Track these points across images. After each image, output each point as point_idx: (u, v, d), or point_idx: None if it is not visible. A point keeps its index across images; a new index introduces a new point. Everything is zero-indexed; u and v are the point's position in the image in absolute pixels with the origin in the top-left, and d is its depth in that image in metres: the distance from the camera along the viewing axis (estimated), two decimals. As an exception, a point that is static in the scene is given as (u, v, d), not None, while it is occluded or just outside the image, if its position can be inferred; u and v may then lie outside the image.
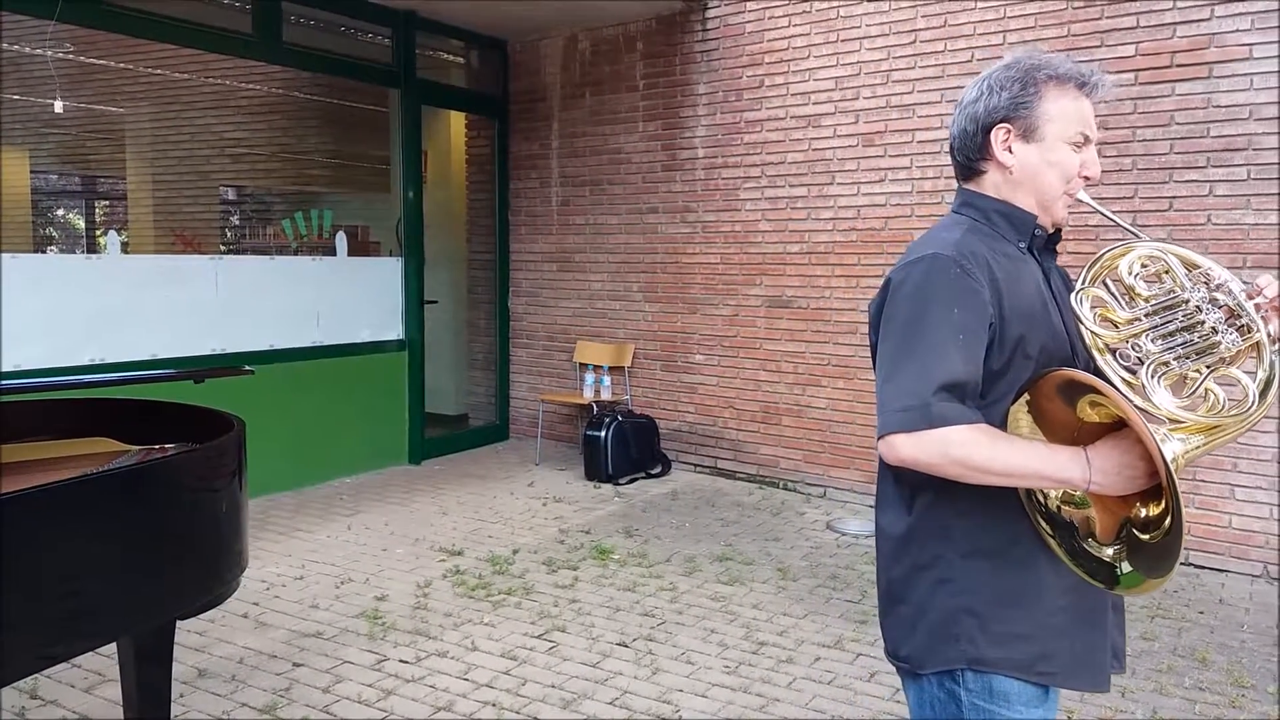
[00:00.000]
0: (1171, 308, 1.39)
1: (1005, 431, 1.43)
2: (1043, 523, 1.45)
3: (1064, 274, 1.63)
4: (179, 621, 2.35)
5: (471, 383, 7.76)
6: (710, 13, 6.15)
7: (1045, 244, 1.59)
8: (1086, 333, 1.41)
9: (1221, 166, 4.54)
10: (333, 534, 4.97)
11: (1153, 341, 1.37)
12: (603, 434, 6.06)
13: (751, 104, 6.01)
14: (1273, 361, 1.34)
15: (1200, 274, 1.40)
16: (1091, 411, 1.39)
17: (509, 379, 7.41)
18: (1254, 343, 1.35)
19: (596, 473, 6.10)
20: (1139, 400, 1.32)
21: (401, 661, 3.47)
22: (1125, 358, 1.38)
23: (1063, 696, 1.59)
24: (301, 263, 6.12)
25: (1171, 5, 4.63)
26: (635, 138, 6.56)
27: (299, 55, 5.91)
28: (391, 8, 6.17)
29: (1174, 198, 4.67)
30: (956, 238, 1.50)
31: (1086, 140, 1.52)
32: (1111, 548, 1.40)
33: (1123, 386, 1.34)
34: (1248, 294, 1.36)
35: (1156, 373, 1.35)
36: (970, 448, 1.35)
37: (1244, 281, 1.39)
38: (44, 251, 7.64)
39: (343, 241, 6.23)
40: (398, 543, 4.84)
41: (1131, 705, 3.20)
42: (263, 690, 3.24)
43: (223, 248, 7.46)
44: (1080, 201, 1.56)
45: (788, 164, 5.89)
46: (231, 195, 8.06)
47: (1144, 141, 4.72)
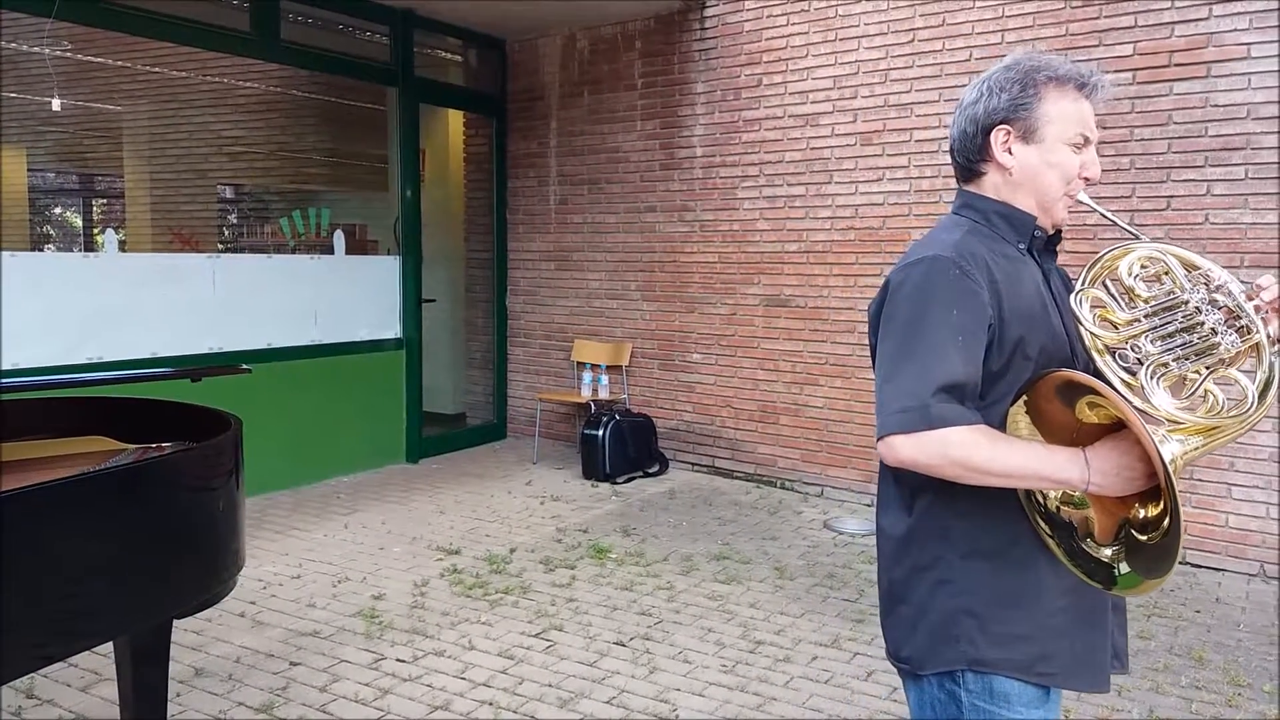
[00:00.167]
0: (1171, 309, 1.39)
1: (1004, 432, 1.43)
2: (1042, 523, 1.45)
3: (1064, 275, 1.63)
4: (176, 620, 2.35)
5: (469, 381, 7.76)
6: (708, 12, 6.15)
7: (1045, 245, 1.59)
8: (1086, 334, 1.41)
9: (1219, 166, 4.54)
10: (330, 533, 4.97)
11: (1152, 343, 1.37)
12: (600, 433, 6.06)
13: (749, 103, 6.01)
14: (1272, 363, 1.34)
15: (1200, 275, 1.40)
16: (1090, 413, 1.39)
17: (507, 378, 7.41)
18: (1253, 344, 1.35)
19: (594, 472, 6.10)
20: (1138, 401, 1.32)
21: (398, 660, 3.47)
22: (1124, 359, 1.38)
23: (1060, 696, 1.59)
24: (299, 261, 6.11)
25: (1169, 5, 4.63)
26: (633, 137, 6.56)
27: (297, 53, 5.90)
28: (390, 6, 6.16)
29: (1172, 197, 4.67)
30: (956, 239, 1.50)
31: (1086, 141, 1.52)
32: (1110, 548, 1.40)
33: (1121, 388, 1.34)
34: (1247, 295, 1.36)
35: (1156, 374, 1.35)
36: (969, 449, 1.35)
37: (1243, 282, 1.39)
38: (41, 250, 7.63)
39: (340, 240, 6.23)
40: (395, 542, 4.84)
41: (1128, 704, 3.20)
42: (259, 689, 3.24)
43: (220, 246, 7.44)
44: (1080, 202, 1.56)
45: (786, 163, 5.89)
46: (229, 194, 8.04)
47: (1142, 141, 4.73)
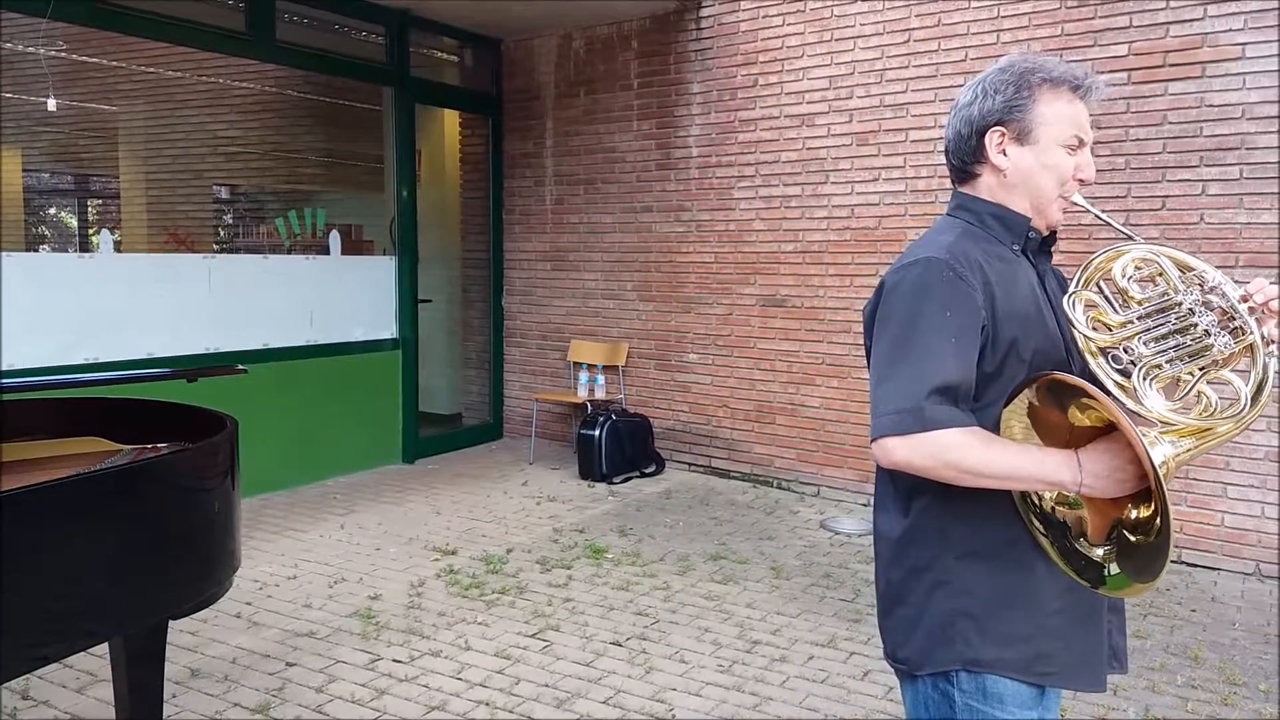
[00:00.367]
0: (1164, 310, 1.39)
1: (998, 434, 1.43)
2: (1036, 523, 1.46)
3: (1059, 276, 1.64)
4: (171, 621, 2.35)
5: (465, 382, 7.75)
6: (704, 12, 6.15)
7: (1040, 246, 1.59)
8: (1079, 336, 1.41)
9: (1214, 166, 4.55)
10: (326, 533, 4.96)
11: (1145, 344, 1.38)
12: (597, 433, 6.06)
13: (745, 103, 6.01)
14: (1266, 364, 1.34)
15: (1194, 276, 1.40)
16: (1083, 415, 1.39)
17: (503, 378, 7.41)
18: (1247, 345, 1.35)
19: (590, 472, 6.10)
20: (1130, 403, 1.33)
21: (395, 661, 3.47)
22: (1118, 361, 1.38)
23: (1059, 696, 1.59)
24: (295, 261, 6.10)
25: (1164, 5, 4.64)
26: (629, 137, 6.56)
27: (293, 53, 5.89)
28: (386, 6, 6.15)
29: (1167, 197, 4.68)
30: (950, 241, 1.50)
31: (1081, 143, 1.53)
32: (1102, 548, 1.41)
33: (1114, 390, 1.34)
34: (1241, 296, 1.36)
35: (1149, 376, 1.35)
36: (963, 451, 1.36)
37: (1238, 283, 1.39)
38: (37, 250, 7.61)
39: (336, 240, 6.22)
40: (391, 542, 4.83)
41: (1124, 703, 3.21)
42: (255, 690, 3.23)
43: (216, 246, 7.43)
44: (1075, 204, 1.56)
45: (782, 163, 5.89)
46: (225, 194, 8.02)
47: (1137, 141, 4.73)
